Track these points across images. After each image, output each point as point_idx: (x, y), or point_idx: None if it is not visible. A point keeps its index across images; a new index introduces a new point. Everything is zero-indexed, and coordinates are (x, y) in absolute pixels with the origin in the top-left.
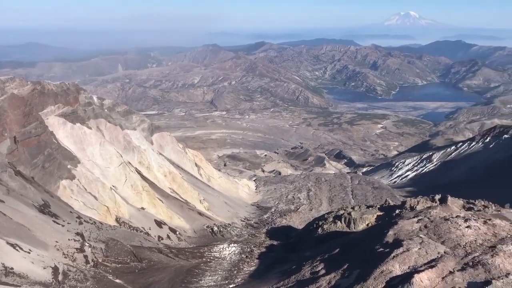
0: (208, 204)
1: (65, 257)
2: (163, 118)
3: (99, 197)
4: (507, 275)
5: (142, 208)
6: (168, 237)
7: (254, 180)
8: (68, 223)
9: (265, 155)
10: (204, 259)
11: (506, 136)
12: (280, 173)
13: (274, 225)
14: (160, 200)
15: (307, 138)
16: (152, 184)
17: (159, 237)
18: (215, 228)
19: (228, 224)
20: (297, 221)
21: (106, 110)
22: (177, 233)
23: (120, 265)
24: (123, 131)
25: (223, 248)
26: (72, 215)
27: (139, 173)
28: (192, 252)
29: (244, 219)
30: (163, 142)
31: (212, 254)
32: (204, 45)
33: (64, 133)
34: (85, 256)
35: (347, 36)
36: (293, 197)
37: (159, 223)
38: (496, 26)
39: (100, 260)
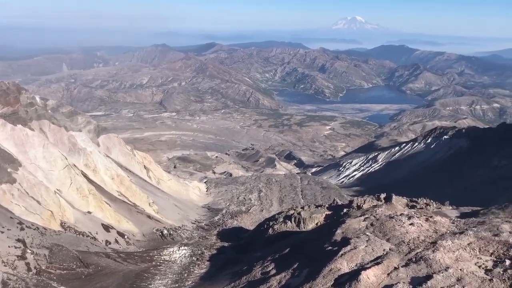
0: (157, 207)
1: (5, 265)
2: (110, 119)
3: (43, 202)
4: (446, 269)
5: (89, 212)
6: (116, 241)
7: (205, 182)
8: (8, 229)
9: (216, 157)
10: (153, 263)
11: (445, 137)
12: (231, 175)
13: (225, 227)
14: (107, 203)
15: (258, 140)
16: (99, 187)
17: (106, 241)
18: (165, 231)
19: (178, 226)
20: (248, 222)
21: (49, 111)
22: (126, 237)
23: (65, 272)
24: (68, 132)
25: (173, 251)
26: (13, 220)
27: (85, 176)
28: (141, 256)
29: (195, 221)
30: (110, 144)
31: (162, 257)
32: (153, 45)
33: (4, 135)
34: (27, 264)
35: (296, 39)
36: (244, 198)
37: (107, 227)
38: (436, 32)
39: (43, 267)
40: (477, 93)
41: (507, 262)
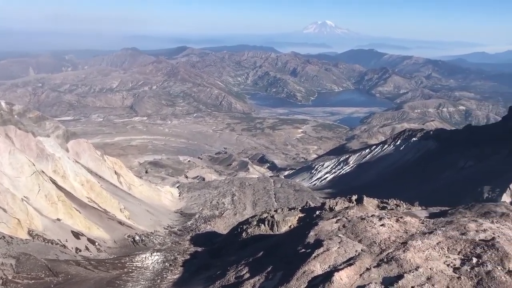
0: (129, 213)
1: None
2: (80, 124)
3: (9, 209)
4: (417, 268)
5: (58, 219)
6: (87, 248)
7: (177, 187)
8: None
9: (189, 161)
10: (125, 270)
11: (414, 139)
12: (204, 179)
13: (198, 232)
14: (77, 210)
15: (231, 143)
16: (68, 194)
17: (76, 249)
18: (137, 237)
19: (151, 232)
20: (222, 226)
21: (16, 116)
22: (96, 244)
23: (33, 281)
24: (36, 138)
25: (145, 258)
26: None
27: (53, 182)
28: (113, 263)
29: (167, 226)
30: (79, 150)
31: (134, 264)
32: (123, 48)
33: None
34: None
35: (268, 43)
36: (218, 202)
37: (77, 235)
38: (404, 36)
39: (10, 277)
40: (444, 96)
41: (474, 260)
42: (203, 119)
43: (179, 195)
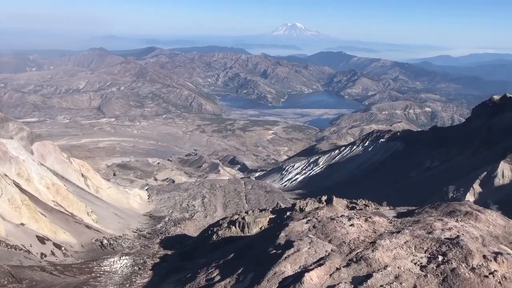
0: (96, 217)
1: None
2: (45, 125)
3: None
4: (385, 267)
5: (22, 224)
6: (53, 253)
7: (146, 189)
8: None
9: (158, 163)
10: (93, 275)
11: (382, 140)
12: (174, 181)
13: (168, 235)
14: (42, 214)
15: (201, 145)
16: (32, 198)
17: (42, 254)
18: (105, 241)
19: (119, 236)
20: (192, 229)
21: None
22: (63, 248)
23: None
24: None
25: (113, 262)
26: None
27: (17, 186)
28: (80, 268)
29: (136, 230)
30: (44, 152)
31: (102, 268)
32: (90, 48)
33: None
34: None
35: (238, 45)
36: (188, 204)
37: (42, 239)
38: (372, 39)
39: None
40: (410, 98)
41: (440, 258)
42: (172, 120)
43: (148, 198)
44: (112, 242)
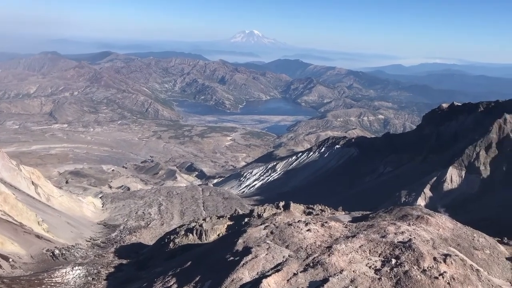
0: (47, 226)
1: None
2: None
3: None
4: (341, 271)
5: None
6: None
7: (100, 197)
8: None
9: (113, 170)
10: (43, 286)
11: (337, 146)
12: (129, 189)
13: (123, 243)
14: None
15: (158, 151)
16: None
17: None
18: (56, 251)
19: (72, 245)
20: (148, 237)
21: None
22: (10, 260)
23: None
24: None
25: (66, 272)
26: None
27: None
28: (29, 280)
29: (90, 239)
30: None
31: (54, 279)
32: (42, 52)
33: None
34: None
35: (195, 51)
36: (143, 212)
37: None
38: (327, 48)
39: None
40: (364, 105)
41: (393, 261)
42: (128, 126)
43: (103, 206)
44: (64, 252)
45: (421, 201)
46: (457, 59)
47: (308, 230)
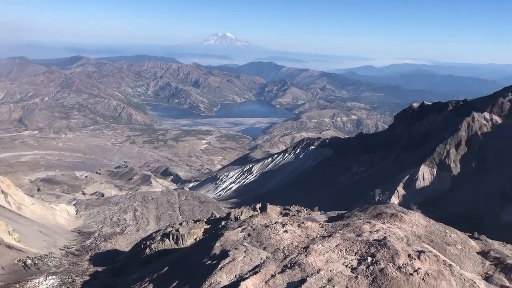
0: (19, 235)
1: None
2: None
3: None
4: (318, 271)
5: None
6: None
7: (74, 204)
8: None
9: (86, 177)
10: None
11: (312, 147)
12: (103, 195)
13: (98, 251)
14: None
15: (132, 156)
16: None
17: None
18: (29, 261)
19: (45, 255)
20: (124, 244)
21: None
22: None
23: None
24: None
25: (39, 283)
26: None
27: None
28: None
29: (64, 247)
30: None
31: None
32: (9, 57)
33: None
34: None
35: (168, 54)
36: (118, 219)
37: None
38: (300, 50)
39: None
40: (337, 106)
41: (369, 259)
42: (101, 131)
43: (76, 213)
44: (37, 261)
45: (394, 199)
46: (426, 59)
47: (285, 231)
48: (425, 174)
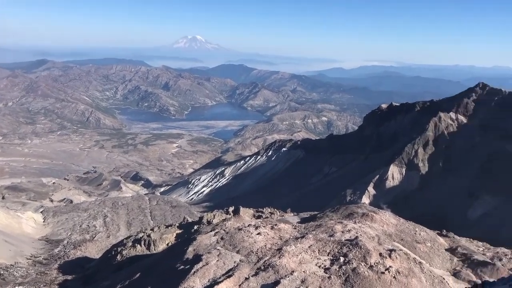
0: None
1: None
2: None
3: None
4: (292, 272)
5: None
6: None
7: (41, 212)
8: None
9: (53, 183)
10: None
11: (284, 149)
12: (72, 201)
13: (67, 259)
14: None
15: (101, 162)
16: None
17: None
18: None
19: (10, 265)
20: (94, 251)
21: None
22: None
23: None
24: None
25: None
26: None
27: None
28: None
29: (31, 256)
30: None
31: None
32: None
33: None
34: None
35: (137, 57)
36: (88, 225)
37: None
38: (270, 52)
39: None
40: (308, 108)
41: (341, 259)
42: (68, 136)
43: (44, 221)
44: (2, 272)
45: (365, 199)
46: (394, 61)
47: (258, 233)
48: (395, 174)
